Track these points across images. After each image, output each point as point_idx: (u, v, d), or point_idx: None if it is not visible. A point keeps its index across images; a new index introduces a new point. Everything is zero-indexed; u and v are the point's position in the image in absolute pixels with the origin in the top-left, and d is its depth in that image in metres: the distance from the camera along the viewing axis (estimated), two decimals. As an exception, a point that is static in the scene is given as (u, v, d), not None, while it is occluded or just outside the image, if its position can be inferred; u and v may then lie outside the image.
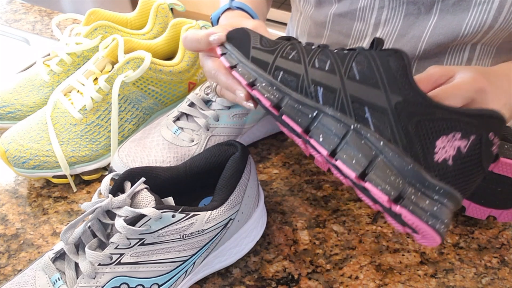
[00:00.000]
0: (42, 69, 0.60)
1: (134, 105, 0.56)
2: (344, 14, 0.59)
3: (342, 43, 0.61)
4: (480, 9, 0.50)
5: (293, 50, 0.39)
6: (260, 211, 0.47)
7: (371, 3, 0.56)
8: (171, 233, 0.38)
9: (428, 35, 0.54)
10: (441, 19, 0.52)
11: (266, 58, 0.39)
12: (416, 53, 0.56)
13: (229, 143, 0.45)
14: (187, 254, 0.40)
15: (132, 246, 0.37)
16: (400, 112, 0.33)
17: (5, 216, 0.51)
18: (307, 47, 0.40)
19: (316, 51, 0.39)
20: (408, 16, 0.54)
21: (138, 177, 0.38)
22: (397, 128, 0.33)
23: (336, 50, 0.39)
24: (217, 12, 0.57)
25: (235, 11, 0.56)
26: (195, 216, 0.39)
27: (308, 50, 0.39)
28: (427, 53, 0.56)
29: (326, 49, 0.39)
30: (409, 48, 0.56)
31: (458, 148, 0.32)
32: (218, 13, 0.56)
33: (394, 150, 0.32)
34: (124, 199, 0.37)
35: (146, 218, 0.36)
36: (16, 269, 0.46)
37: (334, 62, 0.37)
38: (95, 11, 0.64)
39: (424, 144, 0.32)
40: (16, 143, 0.52)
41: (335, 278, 0.45)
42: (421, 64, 0.58)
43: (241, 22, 0.47)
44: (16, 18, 0.88)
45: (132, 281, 0.38)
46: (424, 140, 0.32)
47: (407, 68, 0.34)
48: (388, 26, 0.56)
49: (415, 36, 0.55)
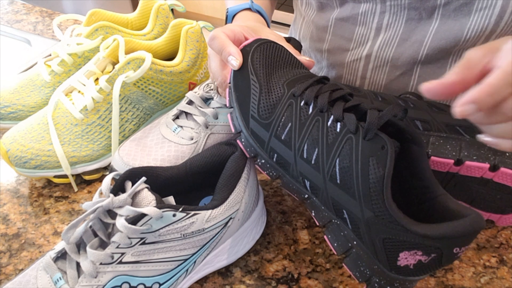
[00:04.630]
0: (43, 69, 0.60)
1: (135, 105, 0.56)
2: (346, 18, 0.59)
3: (344, 47, 0.62)
4: (481, 14, 0.50)
5: (287, 124, 0.41)
6: (260, 210, 0.47)
7: (373, 7, 0.56)
8: (172, 232, 0.38)
9: (430, 40, 0.54)
10: (443, 24, 0.52)
11: (263, 134, 0.42)
12: (418, 58, 0.56)
13: (229, 143, 0.45)
14: (188, 253, 0.40)
15: (133, 245, 0.37)
16: (370, 226, 0.37)
17: (7, 215, 0.51)
18: (303, 112, 0.41)
19: (310, 123, 0.41)
20: (409, 21, 0.54)
21: (139, 177, 0.38)
22: (367, 238, 0.38)
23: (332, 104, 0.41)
24: (237, 8, 0.59)
25: (254, 13, 0.59)
26: (196, 215, 0.39)
27: (302, 122, 0.41)
28: (429, 58, 0.56)
29: (319, 119, 0.41)
30: (411, 53, 0.56)
31: (419, 260, 0.36)
32: (237, 10, 0.59)
33: (365, 251, 0.39)
34: (125, 199, 0.37)
35: (147, 217, 0.36)
36: (17, 268, 0.46)
37: (320, 154, 0.40)
38: (96, 11, 0.64)
39: (388, 254, 0.37)
40: (17, 143, 0.52)
41: (335, 277, 0.45)
42: (424, 69, 0.57)
43: (262, 31, 0.52)
44: (18, 19, 0.88)
45: (134, 280, 0.38)
46: (388, 251, 0.37)
47: (384, 181, 0.36)
48: (390, 30, 0.56)
49: (417, 40, 0.55)
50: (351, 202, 0.38)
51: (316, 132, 0.40)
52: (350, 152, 0.38)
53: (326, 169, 0.39)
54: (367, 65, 0.61)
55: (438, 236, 0.34)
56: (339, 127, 0.39)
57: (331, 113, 0.40)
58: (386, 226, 0.36)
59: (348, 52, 0.62)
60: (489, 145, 0.34)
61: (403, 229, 0.35)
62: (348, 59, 0.62)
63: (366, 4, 0.56)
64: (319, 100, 0.41)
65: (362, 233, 0.38)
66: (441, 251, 0.35)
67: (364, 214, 0.37)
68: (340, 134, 0.38)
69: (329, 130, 0.39)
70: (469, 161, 0.45)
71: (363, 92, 0.53)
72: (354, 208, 0.38)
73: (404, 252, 0.36)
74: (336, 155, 0.38)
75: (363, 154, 0.37)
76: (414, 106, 0.51)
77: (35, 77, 0.61)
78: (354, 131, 0.38)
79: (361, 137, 0.37)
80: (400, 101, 0.52)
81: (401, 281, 0.38)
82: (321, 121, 0.40)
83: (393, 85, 0.61)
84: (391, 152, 0.36)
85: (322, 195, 0.41)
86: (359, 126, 0.38)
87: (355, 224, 0.38)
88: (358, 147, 0.37)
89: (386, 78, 0.61)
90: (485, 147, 0.46)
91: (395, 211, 0.36)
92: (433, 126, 0.48)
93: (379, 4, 0.55)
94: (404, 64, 0.58)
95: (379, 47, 0.58)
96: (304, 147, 0.40)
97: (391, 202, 0.36)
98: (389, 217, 0.36)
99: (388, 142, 0.36)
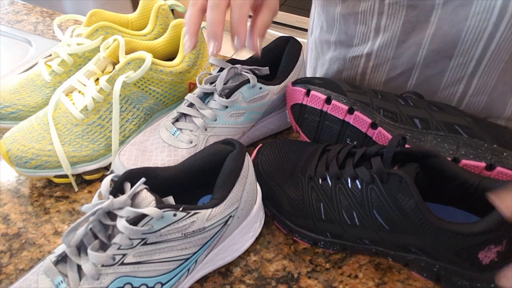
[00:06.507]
0: (43, 69, 0.60)
1: (135, 105, 0.56)
2: (348, 15, 0.60)
3: (348, 42, 0.62)
4: (479, 17, 0.49)
5: (319, 205, 0.45)
6: (258, 207, 0.47)
7: (372, 7, 0.56)
8: (173, 232, 0.38)
9: (429, 42, 0.54)
10: (440, 27, 0.52)
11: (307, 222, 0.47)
12: (417, 60, 0.56)
13: (226, 141, 0.45)
14: (189, 252, 0.40)
15: (135, 246, 0.37)
16: (438, 248, 0.40)
17: (7, 215, 0.51)
18: (325, 187, 0.45)
19: (336, 194, 0.44)
20: (406, 24, 0.54)
21: (138, 178, 0.38)
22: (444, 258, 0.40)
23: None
24: None
25: None
26: (196, 214, 0.39)
27: (330, 197, 0.44)
28: (428, 60, 0.56)
29: (340, 186, 0.43)
30: (410, 55, 0.56)
31: (497, 251, 0.38)
32: None
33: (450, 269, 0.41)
34: (125, 200, 0.37)
35: (148, 218, 0.36)
36: (18, 268, 0.46)
37: (359, 215, 0.42)
38: (96, 12, 0.65)
39: (470, 261, 0.39)
40: (18, 143, 0.52)
41: (335, 277, 0.45)
42: (423, 72, 0.57)
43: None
44: (18, 19, 0.88)
45: (136, 280, 0.38)
46: (468, 259, 0.39)
47: (420, 207, 0.38)
48: (388, 31, 0.56)
49: (415, 42, 0.55)
50: (408, 238, 0.41)
51: (344, 199, 0.43)
52: (379, 199, 0.41)
53: (372, 224, 0.42)
54: (368, 62, 0.61)
55: (496, 224, 0.36)
56: (358, 183, 0.42)
57: (347, 175, 0.43)
58: (448, 242, 0.38)
59: (351, 48, 0.62)
60: None
61: (463, 235, 0.37)
62: (351, 55, 0.63)
63: (366, 3, 0.56)
64: (330, 170, 0.45)
65: (436, 256, 0.41)
66: (507, 234, 0.37)
67: (425, 241, 0.40)
68: (363, 189, 0.42)
69: (353, 190, 0.42)
70: (466, 159, 0.45)
71: (363, 89, 0.53)
72: (414, 241, 0.40)
73: (481, 252, 0.38)
74: (371, 208, 0.41)
75: (390, 195, 0.40)
76: (413, 104, 0.51)
77: (36, 77, 0.61)
78: (371, 181, 0.41)
79: (379, 183, 0.40)
80: (400, 99, 0.52)
81: None
82: (342, 187, 0.43)
83: (392, 83, 0.61)
84: (410, 181, 0.38)
85: (383, 244, 0.43)
86: (373, 175, 0.41)
87: (425, 251, 0.41)
88: (382, 192, 0.40)
89: (385, 76, 0.61)
90: (483, 147, 0.46)
91: (445, 225, 0.38)
92: (431, 124, 0.49)
93: (377, 2, 0.55)
94: (403, 64, 0.58)
95: (379, 47, 0.58)
96: (344, 215, 0.43)
97: (437, 220, 0.38)
98: (443, 233, 0.38)
99: (403, 175, 0.39)
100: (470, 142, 0.46)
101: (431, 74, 0.57)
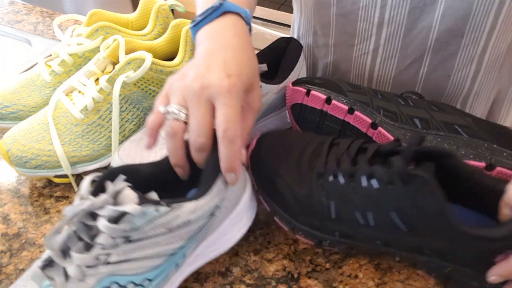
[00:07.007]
0: (43, 69, 0.60)
1: (135, 105, 0.56)
2: (346, 14, 0.58)
3: (349, 42, 0.61)
4: None
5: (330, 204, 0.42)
6: (248, 196, 0.46)
7: (373, 1, 0.55)
8: (157, 227, 0.37)
9: (438, 23, 0.52)
10: (450, 5, 0.51)
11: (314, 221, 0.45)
12: (428, 44, 0.55)
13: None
14: (175, 246, 0.40)
15: (118, 244, 0.36)
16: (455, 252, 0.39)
17: (7, 215, 0.51)
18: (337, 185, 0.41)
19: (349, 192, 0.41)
20: (413, 11, 0.53)
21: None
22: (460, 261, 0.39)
23: None
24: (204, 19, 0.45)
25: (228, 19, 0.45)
26: (180, 208, 0.38)
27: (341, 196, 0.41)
28: (439, 43, 0.54)
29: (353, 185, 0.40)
30: (419, 41, 0.55)
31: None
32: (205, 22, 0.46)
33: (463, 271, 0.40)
34: (106, 199, 0.36)
35: (129, 216, 0.36)
36: (18, 268, 0.46)
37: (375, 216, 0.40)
38: (96, 12, 0.65)
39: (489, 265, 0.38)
40: (18, 143, 0.52)
41: (335, 277, 0.45)
42: (434, 58, 0.56)
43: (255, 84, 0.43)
44: (18, 19, 0.88)
45: (122, 279, 0.37)
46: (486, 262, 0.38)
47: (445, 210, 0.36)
48: (393, 24, 0.55)
49: (425, 27, 0.53)
50: (426, 240, 0.39)
51: (358, 198, 0.40)
52: (399, 201, 0.38)
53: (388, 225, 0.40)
54: (375, 59, 0.60)
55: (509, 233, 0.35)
56: (374, 183, 0.39)
57: (361, 174, 0.40)
58: (467, 245, 0.37)
59: (354, 47, 0.61)
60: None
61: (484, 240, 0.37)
62: (355, 54, 0.61)
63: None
64: (341, 167, 0.42)
65: (451, 258, 0.39)
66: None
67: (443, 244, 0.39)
68: (380, 190, 0.39)
69: (368, 190, 0.40)
70: (466, 159, 0.45)
71: (363, 89, 0.53)
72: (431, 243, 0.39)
73: (498, 257, 0.37)
74: (389, 210, 0.39)
75: (412, 197, 0.37)
76: (414, 104, 0.51)
77: (36, 77, 0.61)
78: (390, 181, 0.38)
79: (400, 184, 0.38)
80: (400, 99, 0.52)
81: None
82: (357, 187, 0.40)
83: (402, 75, 0.59)
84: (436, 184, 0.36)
85: (395, 245, 0.42)
86: (392, 175, 0.38)
87: (440, 253, 0.40)
88: (403, 193, 0.38)
89: (395, 69, 0.59)
90: (483, 147, 0.46)
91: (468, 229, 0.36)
92: (432, 124, 0.49)
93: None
94: (413, 52, 0.56)
95: (385, 40, 0.57)
96: (357, 216, 0.41)
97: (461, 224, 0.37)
98: (464, 237, 0.37)
99: (428, 177, 0.36)
100: (470, 142, 0.46)
101: (442, 58, 0.56)
